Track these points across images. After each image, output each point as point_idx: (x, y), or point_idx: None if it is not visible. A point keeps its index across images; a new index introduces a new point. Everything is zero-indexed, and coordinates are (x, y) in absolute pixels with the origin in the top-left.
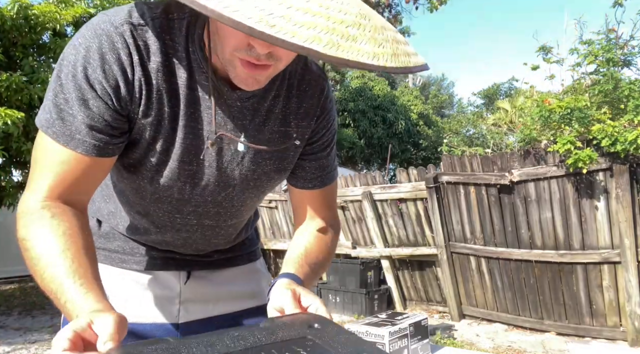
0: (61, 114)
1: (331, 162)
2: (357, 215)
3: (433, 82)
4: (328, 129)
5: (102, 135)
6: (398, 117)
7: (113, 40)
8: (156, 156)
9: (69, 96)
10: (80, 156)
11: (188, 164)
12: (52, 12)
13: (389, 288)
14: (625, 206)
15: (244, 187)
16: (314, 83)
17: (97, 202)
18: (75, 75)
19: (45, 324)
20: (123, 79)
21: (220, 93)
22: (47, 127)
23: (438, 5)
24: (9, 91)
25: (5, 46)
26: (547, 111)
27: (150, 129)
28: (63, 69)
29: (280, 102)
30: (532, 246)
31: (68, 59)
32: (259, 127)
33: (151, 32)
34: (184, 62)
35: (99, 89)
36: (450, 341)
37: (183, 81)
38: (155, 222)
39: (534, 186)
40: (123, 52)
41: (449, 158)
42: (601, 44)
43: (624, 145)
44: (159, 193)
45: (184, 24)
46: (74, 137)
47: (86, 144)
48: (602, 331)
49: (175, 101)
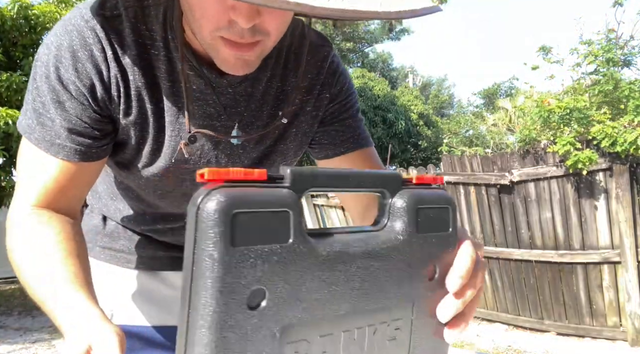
0: (40, 118)
1: (360, 125)
2: None
3: (434, 83)
4: (343, 92)
5: (83, 138)
6: (398, 117)
7: (84, 36)
8: (148, 157)
9: (45, 99)
10: (62, 162)
11: (183, 162)
12: (52, 12)
13: None
14: (625, 206)
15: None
16: (315, 53)
17: (104, 199)
18: (48, 76)
19: (45, 324)
20: (98, 78)
21: (207, 81)
22: (29, 134)
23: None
24: (9, 91)
25: (5, 46)
26: (547, 111)
27: (135, 129)
28: (37, 71)
29: (277, 82)
30: (532, 246)
31: (41, 59)
32: (255, 113)
33: (125, 22)
34: (162, 52)
35: (73, 89)
36: None
37: (163, 73)
38: (164, 217)
39: (534, 186)
40: (95, 48)
41: (449, 158)
42: (601, 44)
43: (623, 145)
44: (161, 189)
45: (161, 10)
46: (54, 143)
47: (67, 148)
48: (602, 331)
49: (158, 95)
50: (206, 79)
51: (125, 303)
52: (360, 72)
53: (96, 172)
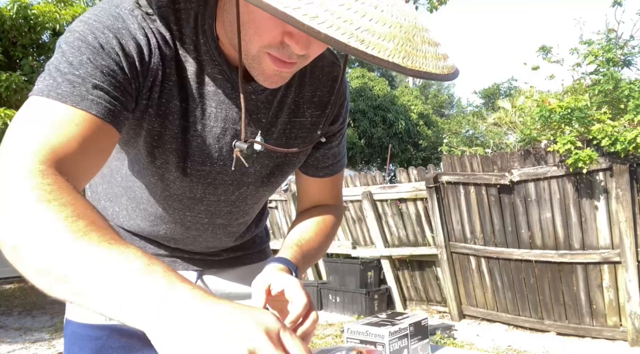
0: (67, 76)
1: (342, 150)
2: (357, 215)
3: (433, 82)
4: (342, 116)
5: (116, 102)
6: (398, 117)
7: (127, 22)
8: (167, 154)
9: (77, 59)
10: (92, 117)
11: (200, 164)
12: (51, 12)
13: (389, 288)
14: (625, 206)
15: (258, 185)
16: (328, 70)
17: (102, 201)
18: (84, 39)
19: (45, 324)
20: (139, 58)
21: (235, 86)
22: (51, 90)
23: (438, 5)
24: (9, 91)
25: (5, 46)
26: (547, 111)
27: (157, 121)
28: (67, 40)
29: (292, 92)
30: (532, 246)
31: (76, 29)
32: (272, 119)
33: (160, 21)
34: (192, 54)
35: (112, 54)
36: (451, 341)
37: (192, 75)
38: (165, 220)
39: (534, 186)
40: (140, 33)
41: (449, 158)
42: (601, 44)
43: (623, 144)
44: (170, 191)
45: (192, 14)
46: (86, 98)
47: (100, 105)
48: (602, 331)
49: (184, 95)
50: (234, 83)
51: None
52: (360, 72)
53: (109, 151)
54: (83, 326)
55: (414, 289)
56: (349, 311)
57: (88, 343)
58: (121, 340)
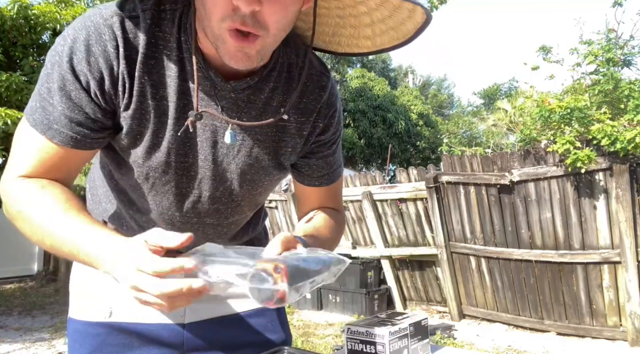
0: (43, 102)
1: (337, 159)
2: (357, 215)
3: (433, 82)
4: (334, 126)
5: (81, 128)
6: (398, 117)
7: (100, 32)
8: (147, 150)
9: (52, 86)
10: (55, 145)
11: (183, 156)
12: (52, 12)
13: (389, 288)
14: (625, 206)
15: (241, 181)
16: (316, 78)
17: (104, 203)
18: (60, 64)
19: (46, 324)
20: (108, 73)
21: (213, 84)
22: (29, 115)
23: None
24: (9, 91)
25: (5, 46)
26: (547, 111)
27: (134, 122)
28: (51, 59)
29: (278, 95)
30: (532, 246)
31: (56, 49)
32: (255, 119)
33: (141, 24)
34: (174, 52)
35: (83, 80)
36: (451, 341)
37: (173, 72)
38: (157, 222)
39: (534, 186)
40: (110, 44)
41: (449, 158)
42: (601, 44)
43: (623, 144)
44: (156, 189)
45: (177, 14)
46: (51, 127)
47: (62, 134)
48: (602, 331)
49: (162, 93)
50: (211, 81)
51: (124, 301)
52: (360, 72)
53: (87, 158)
54: (83, 323)
55: (414, 289)
56: (349, 311)
57: (88, 339)
58: (119, 337)
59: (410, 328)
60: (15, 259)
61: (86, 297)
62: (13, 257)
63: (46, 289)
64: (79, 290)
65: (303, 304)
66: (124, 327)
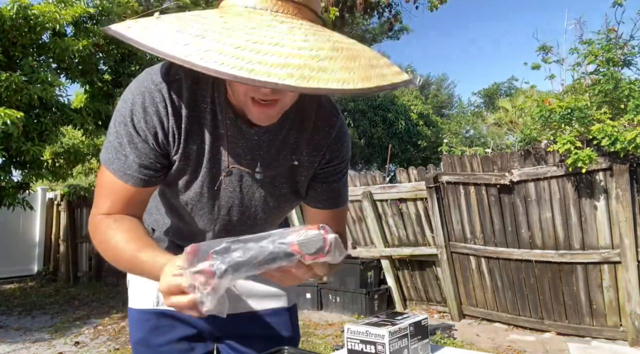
0: (117, 154)
1: (342, 188)
2: (357, 215)
3: (433, 82)
4: (339, 158)
5: (148, 170)
6: (398, 117)
7: (153, 96)
8: (186, 183)
9: (122, 140)
10: (130, 186)
11: (212, 189)
12: (51, 12)
13: (389, 288)
14: (625, 206)
15: (265, 208)
16: (326, 118)
17: (154, 215)
18: (126, 124)
19: (46, 324)
20: (160, 128)
21: (240, 130)
22: (108, 164)
23: (438, 4)
24: (9, 91)
25: (5, 46)
26: (547, 111)
27: (180, 162)
28: (117, 119)
29: (293, 134)
30: (532, 246)
31: (120, 111)
32: (274, 156)
33: (183, 85)
34: (209, 106)
35: (142, 135)
36: (450, 341)
37: (208, 122)
38: (198, 232)
39: (534, 186)
40: (161, 105)
41: (449, 158)
42: (601, 44)
43: (623, 144)
44: (194, 212)
45: (211, 77)
46: (126, 173)
47: (135, 178)
48: (602, 331)
49: (201, 138)
50: (239, 128)
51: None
52: None
53: (151, 193)
54: (138, 311)
55: (414, 289)
56: (349, 311)
57: (144, 323)
58: (166, 320)
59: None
60: (15, 259)
61: (139, 290)
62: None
63: (46, 289)
64: (133, 285)
65: (303, 304)
66: (168, 313)
